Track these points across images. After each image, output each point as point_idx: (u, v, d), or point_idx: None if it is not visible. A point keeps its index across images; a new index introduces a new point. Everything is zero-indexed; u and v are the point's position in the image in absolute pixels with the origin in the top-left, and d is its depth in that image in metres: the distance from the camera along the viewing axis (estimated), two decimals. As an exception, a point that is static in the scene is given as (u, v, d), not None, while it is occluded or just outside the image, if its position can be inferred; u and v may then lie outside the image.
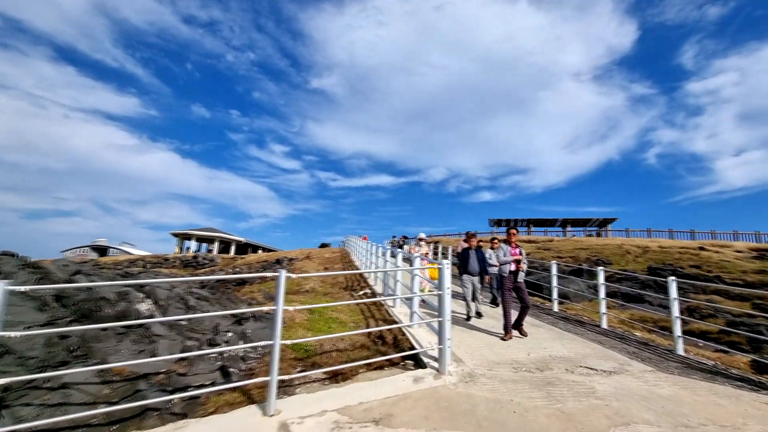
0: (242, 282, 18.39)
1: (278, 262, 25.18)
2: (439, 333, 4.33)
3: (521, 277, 6.18)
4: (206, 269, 36.40)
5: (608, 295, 13.88)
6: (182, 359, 4.68)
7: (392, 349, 5.21)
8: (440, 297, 4.41)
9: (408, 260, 8.51)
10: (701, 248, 20.05)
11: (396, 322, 6.53)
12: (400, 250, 24.03)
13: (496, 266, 8.44)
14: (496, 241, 8.87)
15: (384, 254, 11.79)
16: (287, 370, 4.46)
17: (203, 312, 6.62)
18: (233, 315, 6.79)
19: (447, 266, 4.50)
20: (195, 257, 38.08)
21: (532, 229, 36.70)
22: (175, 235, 46.23)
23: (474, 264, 7.34)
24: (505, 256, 6.12)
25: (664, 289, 14.05)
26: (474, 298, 7.34)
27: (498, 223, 38.28)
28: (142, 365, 4.18)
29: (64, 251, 62.95)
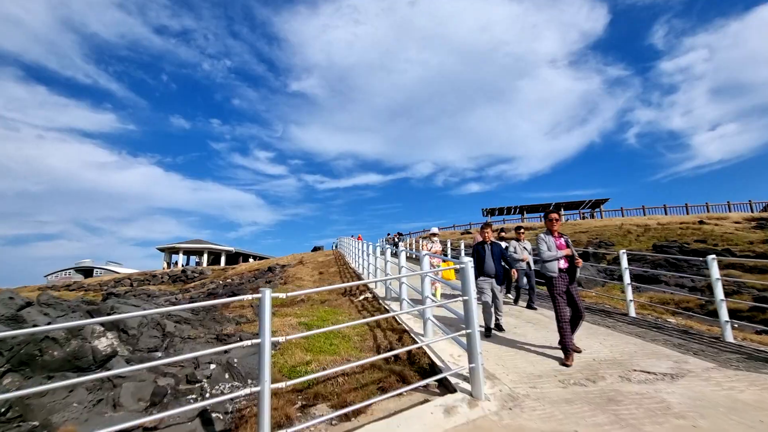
0: (233, 294, 17.40)
1: (270, 270, 24.16)
2: (469, 348, 3.52)
3: (575, 278, 4.56)
4: (196, 282, 35.15)
5: (620, 278, 13.30)
6: (153, 405, 3.79)
7: (408, 368, 4.39)
8: (466, 304, 3.60)
9: (413, 258, 7.65)
10: (701, 222, 19.67)
11: (407, 332, 5.71)
12: (396, 248, 23.25)
13: (522, 260, 7.62)
14: (522, 231, 8.05)
15: (384, 252, 10.94)
16: (284, 409, 3.61)
17: (183, 338, 5.72)
18: (218, 338, 5.90)
19: (470, 264, 3.69)
20: (183, 271, 36.74)
21: (526, 215, 36.26)
22: (162, 249, 44.67)
23: (490, 263, 5.84)
24: (549, 249, 4.52)
25: (676, 267, 13.55)
26: (495, 307, 5.83)
27: (491, 212, 37.73)
28: (98, 423, 3.29)
29: (47, 275, 60.69)
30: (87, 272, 56.28)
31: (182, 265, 43.33)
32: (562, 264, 4.51)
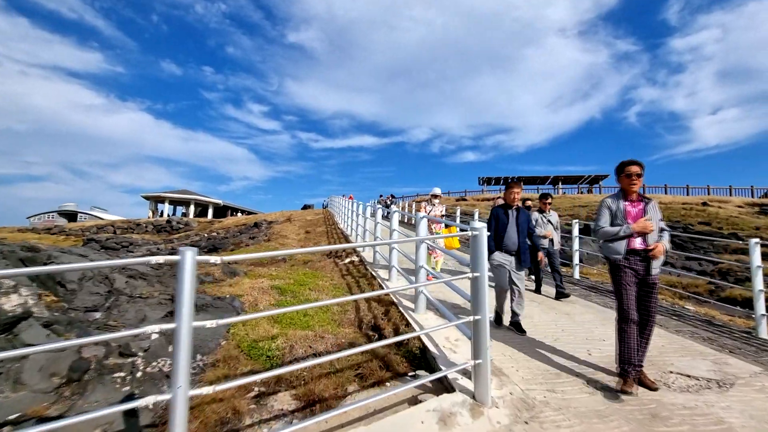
0: (214, 248, 16.62)
1: (256, 225, 23.29)
2: (476, 340, 2.70)
3: (657, 266, 2.96)
4: (181, 233, 34.27)
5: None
6: (68, 383, 2.98)
7: (394, 351, 3.62)
8: (475, 283, 2.75)
9: (407, 223, 6.74)
10: (705, 204, 19.05)
11: (394, 304, 4.93)
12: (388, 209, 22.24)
13: (546, 237, 6.23)
14: (549, 200, 6.44)
15: (374, 214, 10.03)
16: (233, 401, 2.82)
17: (131, 296, 4.87)
18: (173, 299, 5.07)
19: (484, 232, 2.81)
20: (169, 221, 35.76)
21: (523, 186, 35.45)
22: (147, 198, 43.28)
23: (513, 234, 4.22)
24: (612, 222, 3.03)
25: (681, 248, 12.98)
26: (512, 298, 4.28)
27: (488, 181, 36.81)
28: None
29: (30, 217, 59.28)
30: (71, 216, 54.94)
31: (168, 215, 42.26)
32: (637, 243, 2.90)
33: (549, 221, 6.34)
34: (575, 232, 8.36)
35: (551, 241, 6.26)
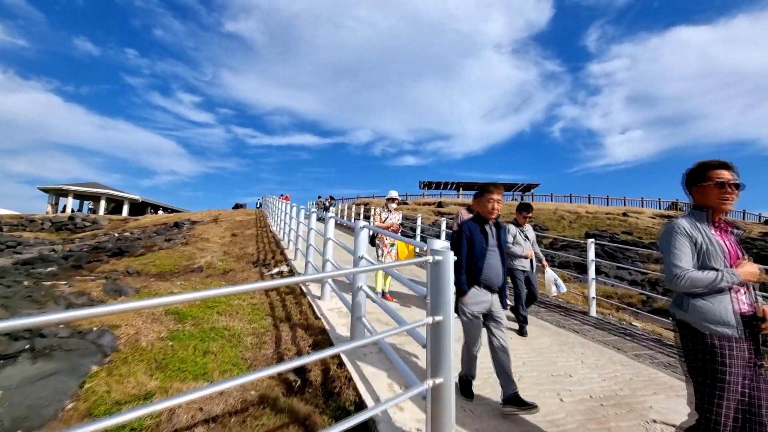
0: (119, 252, 14.31)
1: (177, 225, 20.77)
2: (434, 413, 1.88)
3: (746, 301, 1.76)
4: (86, 232, 29.95)
5: (561, 265, 12.92)
6: None
7: (321, 405, 2.69)
8: (435, 330, 1.92)
9: (347, 227, 5.80)
10: (625, 214, 20.50)
11: (325, 332, 3.99)
12: (326, 212, 21.09)
13: (525, 257, 4.92)
14: (529, 213, 5.20)
15: (308, 216, 8.90)
16: None
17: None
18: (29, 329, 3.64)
19: (449, 256, 1.99)
20: (72, 218, 31.14)
21: (462, 192, 36.29)
22: (46, 190, 37.24)
23: (496, 264, 2.91)
24: (714, 258, 1.77)
25: (612, 257, 13.55)
26: (494, 347, 2.83)
27: (429, 185, 37.12)
28: None
29: None
30: (-56, 209, 45.89)
31: (73, 211, 36.90)
32: (744, 302, 1.75)
33: (527, 237, 5.06)
34: (591, 255, 6.91)
35: (531, 261, 5.06)
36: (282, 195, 28.37)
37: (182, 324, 3.99)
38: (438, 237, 13.41)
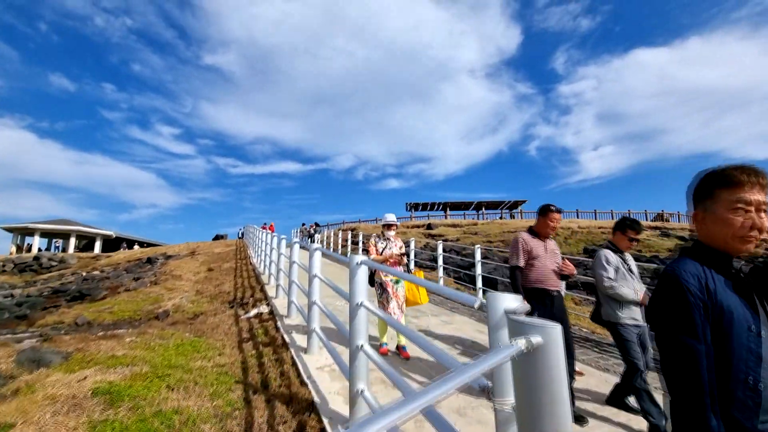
0: (80, 295, 12.85)
1: (150, 261, 19.26)
2: None
3: None
4: (53, 272, 27.87)
5: (568, 286, 12.08)
6: None
7: None
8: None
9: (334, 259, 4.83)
10: (617, 227, 20.02)
11: (319, 418, 2.94)
12: (312, 241, 19.76)
13: (639, 303, 3.13)
14: (637, 232, 3.38)
15: (290, 247, 7.68)
16: None
17: None
18: None
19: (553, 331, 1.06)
20: (37, 258, 29.04)
21: (450, 212, 35.68)
22: (9, 230, 34.87)
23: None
24: None
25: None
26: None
27: (415, 206, 36.42)
28: None
29: None
30: None
31: (39, 250, 34.62)
32: None
33: (631, 270, 3.31)
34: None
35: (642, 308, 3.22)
36: (265, 224, 27.15)
37: (114, 409, 2.88)
38: (434, 261, 12.40)
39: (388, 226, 4.75)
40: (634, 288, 3.16)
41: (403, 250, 4.64)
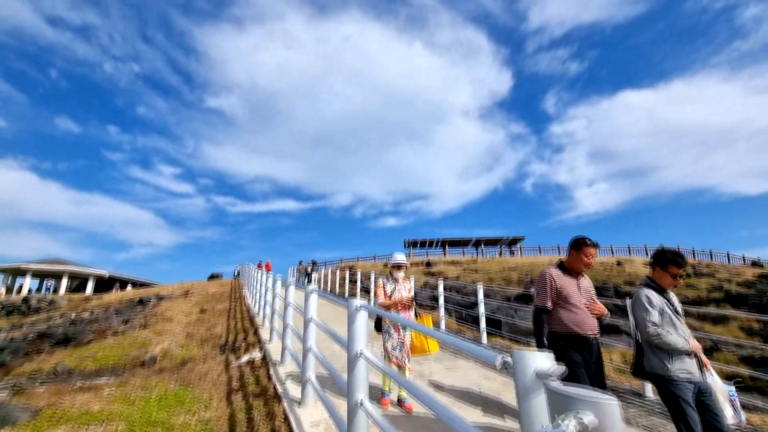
0: (65, 339, 12.28)
1: (141, 302, 18.67)
2: None
3: None
4: (42, 314, 26.98)
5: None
6: None
7: None
8: None
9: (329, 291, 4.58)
10: (619, 263, 19.81)
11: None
12: (308, 280, 19.29)
13: (689, 353, 2.65)
14: (679, 271, 2.87)
15: (286, 286, 7.26)
16: None
17: None
18: None
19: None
20: (26, 299, 28.20)
21: (448, 249, 35.37)
22: (0, 270, 34.32)
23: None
24: None
25: (624, 312, 12.43)
26: None
27: (414, 244, 36.15)
28: None
29: None
30: None
31: (30, 292, 33.76)
32: None
33: (678, 312, 2.79)
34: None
35: (698, 361, 2.73)
36: (260, 262, 26.69)
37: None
38: (435, 300, 11.97)
39: (398, 267, 4.29)
40: (683, 334, 2.66)
41: (412, 293, 4.31)
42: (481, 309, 7.81)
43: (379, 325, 4.13)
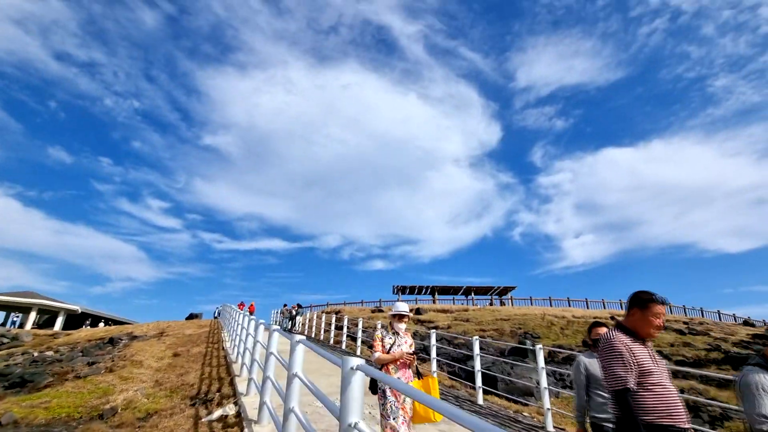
0: (21, 381, 11.21)
1: (111, 341, 17.46)
2: None
3: None
4: (3, 351, 25.07)
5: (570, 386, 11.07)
6: None
7: None
8: None
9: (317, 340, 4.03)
10: (612, 318, 19.42)
11: None
12: (292, 324, 18.42)
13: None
14: None
15: (268, 330, 6.66)
16: None
17: None
18: None
19: None
20: (-13, 334, 26.32)
21: (437, 297, 34.61)
22: (-36, 301, 32.29)
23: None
24: None
25: None
26: None
27: (402, 290, 35.36)
28: None
29: None
30: None
31: (-7, 326, 31.64)
32: None
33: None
34: (540, 361, 6.32)
35: None
36: (242, 303, 25.60)
37: None
38: (425, 351, 11.34)
39: (399, 317, 3.83)
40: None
41: (413, 348, 3.84)
42: (477, 365, 7.31)
43: (374, 386, 3.62)
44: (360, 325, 13.66)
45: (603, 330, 2.73)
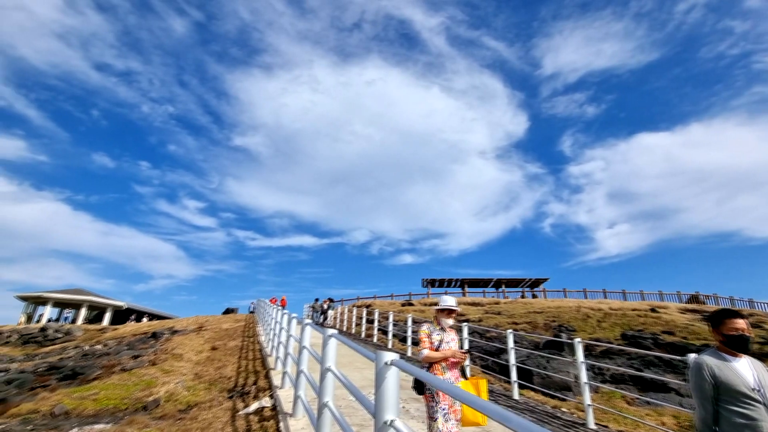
0: (73, 374, 11.95)
1: (154, 336, 18.35)
2: None
3: None
4: (56, 345, 26.93)
5: (615, 380, 10.62)
6: None
7: None
8: None
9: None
10: (652, 309, 18.53)
11: None
12: (324, 318, 18.65)
13: None
14: None
15: (301, 324, 6.64)
16: None
17: None
18: None
19: None
20: (43, 329, 28.33)
21: (467, 290, 34.20)
22: (24, 298, 34.80)
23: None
24: None
25: (672, 366, 11.32)
26: None
27: (432, 283, 35.17)
28: None
29: None
30: None
31: (49, 321, 34.03)
32: None
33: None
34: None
35: None
36: (274, 297, 26.27)
37: None
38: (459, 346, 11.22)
39: (448, 312, 3.45)
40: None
41: (466, 346, 3.51)
42: (512, 358, 7.11)
43: (421, 386, 3.25)
44: (390, 319, 13.66)
45: (742, 323, 2.16)
